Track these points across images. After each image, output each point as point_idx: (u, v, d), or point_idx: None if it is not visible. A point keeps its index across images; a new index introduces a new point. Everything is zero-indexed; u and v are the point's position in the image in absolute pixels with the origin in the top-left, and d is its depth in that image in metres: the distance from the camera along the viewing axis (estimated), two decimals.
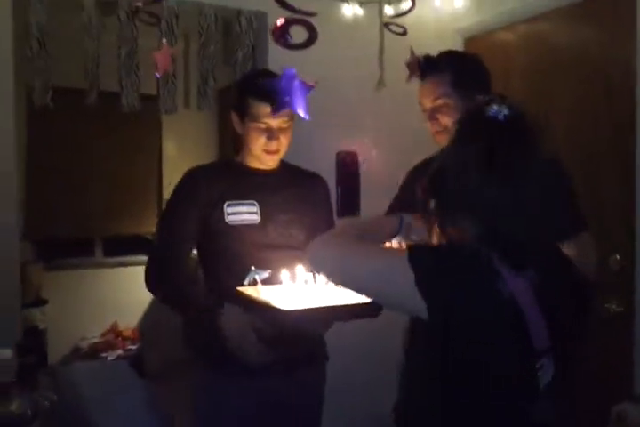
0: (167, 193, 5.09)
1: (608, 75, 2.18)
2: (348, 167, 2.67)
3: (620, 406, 1.62)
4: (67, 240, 4.49)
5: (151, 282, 1.71)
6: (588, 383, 1.83)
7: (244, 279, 1.51)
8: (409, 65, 1.75)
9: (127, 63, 2.35)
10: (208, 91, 2.52)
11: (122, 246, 4.63)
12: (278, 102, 1.54)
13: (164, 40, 2.24)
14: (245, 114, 1.69)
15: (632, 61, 2.07)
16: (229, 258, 1.69)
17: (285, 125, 1.70)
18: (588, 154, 2.21)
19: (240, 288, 1.50)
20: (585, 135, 2.25)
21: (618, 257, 2.10)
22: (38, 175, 4.17)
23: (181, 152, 4.61)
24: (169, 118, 4.56)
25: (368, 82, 2.47)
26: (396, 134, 2.73)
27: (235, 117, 1.75)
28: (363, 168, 2.72)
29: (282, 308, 1.33)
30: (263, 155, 1.72)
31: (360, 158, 2.71)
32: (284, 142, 1.72)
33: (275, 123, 1.67)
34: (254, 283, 1.49)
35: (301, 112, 1.60)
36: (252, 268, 1.51)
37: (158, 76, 2.00)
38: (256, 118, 1.67)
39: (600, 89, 2.20)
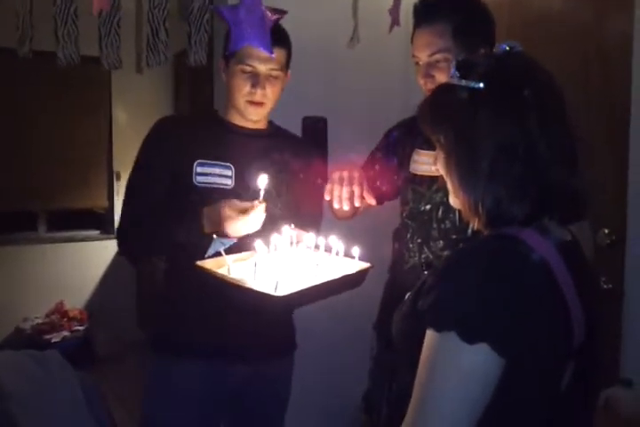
0: (118, 165, 4.79)
1: (603, 47, 1.98)
2: (315, 135, 2.42)
3: (608, 390, 1.50)
4: (6, 213, 4.18)
5: (124, 235, 1.59)
6: None
7: (204, 251, 1.33)
8: (392, 11, 1.52)
9: (64, 10, 2.04)
10: (160, 46, 2.22)
11: (68, 221, 4.38)
12: (234, 35, 1.30)
13: None
14: (231, 55, 1.53)
15: (628, 33, 1.87)
16: None
17: (274, 74, 1.54)
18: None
19: (201, 262, 1.26)
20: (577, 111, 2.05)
21: (606, 231, 1.94)
22: None
23: (133, 122, 4.29)
24: (119, 85, 4.26)
25: (340, 38, 2.21)
26: (372, 96, 2.50)
27: (222, 63, 1.60)
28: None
29: (270, 292, 1.10)
30: (246, 106, 1.55)
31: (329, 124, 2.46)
32: (270, 95, 1.54)
33: (262, 68, 1.51)
34: (218, 255, 1.28)
35: (263, 47, 1.41)
36: (215, 236, 1.32)
37: (95, 14, 1.72)
38: (241, 59, 1.50)
39: (594, 63, 2.00)
